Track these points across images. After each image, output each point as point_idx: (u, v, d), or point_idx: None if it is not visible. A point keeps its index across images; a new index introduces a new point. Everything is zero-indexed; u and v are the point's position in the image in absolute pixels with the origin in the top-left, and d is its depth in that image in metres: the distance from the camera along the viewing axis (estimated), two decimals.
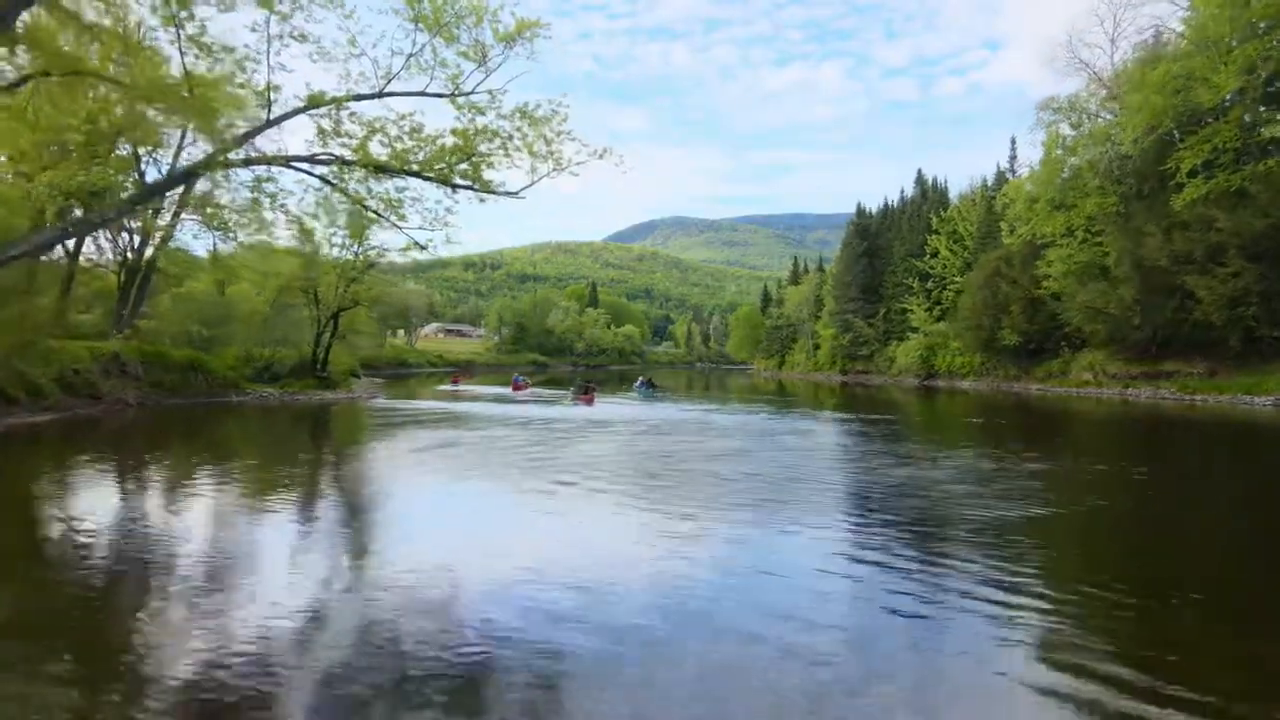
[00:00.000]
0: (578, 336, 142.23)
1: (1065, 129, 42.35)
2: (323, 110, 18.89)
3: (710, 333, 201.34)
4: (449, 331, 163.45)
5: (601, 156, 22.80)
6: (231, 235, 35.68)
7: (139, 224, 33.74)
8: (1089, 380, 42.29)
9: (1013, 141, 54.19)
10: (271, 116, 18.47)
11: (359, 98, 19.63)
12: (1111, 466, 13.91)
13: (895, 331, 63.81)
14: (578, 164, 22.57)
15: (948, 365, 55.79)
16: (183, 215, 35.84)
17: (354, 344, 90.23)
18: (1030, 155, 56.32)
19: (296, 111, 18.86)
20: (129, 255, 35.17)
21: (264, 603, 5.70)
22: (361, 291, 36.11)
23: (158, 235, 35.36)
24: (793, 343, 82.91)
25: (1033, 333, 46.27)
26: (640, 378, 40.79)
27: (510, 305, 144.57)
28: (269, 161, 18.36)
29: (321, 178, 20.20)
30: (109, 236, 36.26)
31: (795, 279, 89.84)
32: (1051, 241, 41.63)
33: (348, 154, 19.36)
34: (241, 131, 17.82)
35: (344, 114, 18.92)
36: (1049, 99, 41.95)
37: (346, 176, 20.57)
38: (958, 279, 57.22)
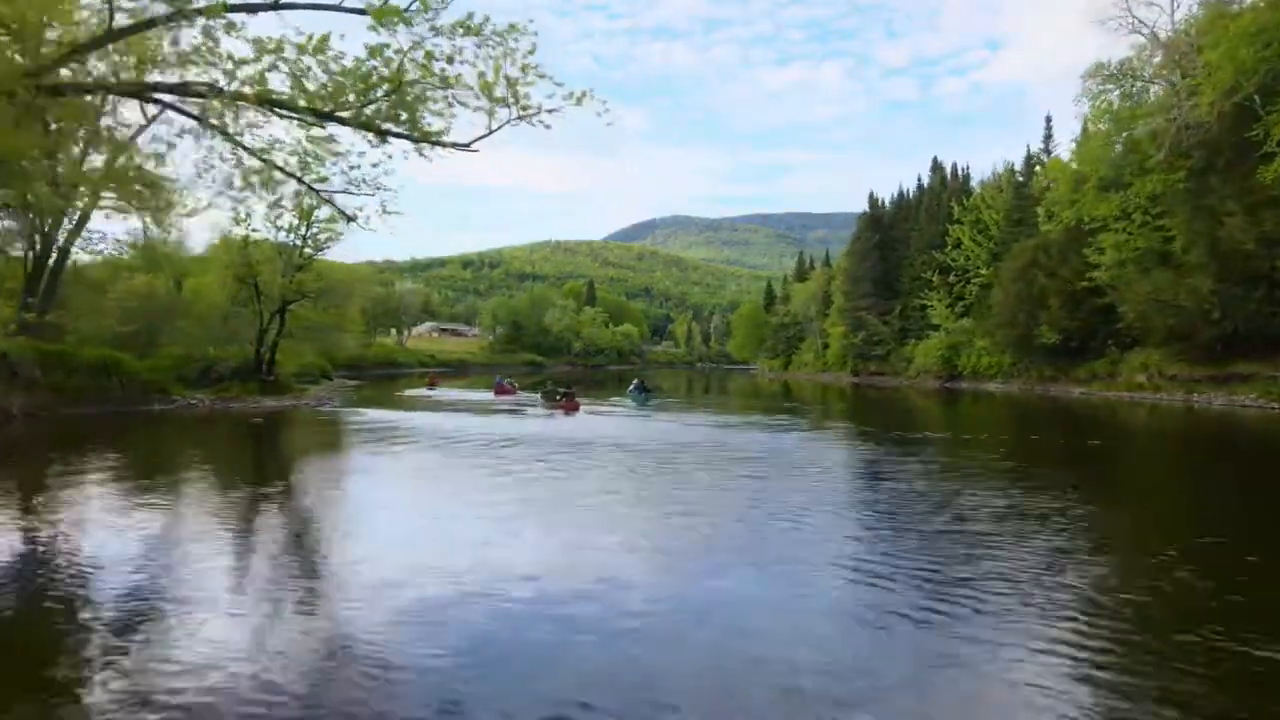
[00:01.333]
0: (575, 336, 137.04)
1: (1114, 99, 37.07)
2: (191, 21, 13.62)
3: (710, 332, 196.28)
4: (443, 330, 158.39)
5: (580, 101, 17.43)
6: (151, 215, 30.64)
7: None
8: (1142, 383, 36.96)
9: (1048, 120, 48.82)
10: (115, 26, 13.22)
11: (246, 8, 14.33)
12: None
13: (913, 329, 58.47)
14: (549, 111, 17.30)
15: (972, 365, 50.47)
16: (101, 193, 30.65)
17: (338, 343, 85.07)
18: (1069, 134, 51.22)
19: (152, 23, 13.60)
20: (37, 241, 29.91)
21: None
22: (308, 281, 30.73)
23: (73, 216, 30.11)
24: (799, 342, 77.57)
25: (1074, 330, 40.94)
26: (635, 380, 35.54)
27: (506, 304, 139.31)
28: (107, 89, 13.14)
29: (199, 118, 14.92)
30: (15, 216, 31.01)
31: (801, 275, 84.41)
32: (1103, 226, 36.31)
33: (228, 82, 14.07)
34: (63, 50, 12.57)
35: (220, 24, 13.66)
36: (1098, 65, 36.61)
37: (233, 118, 15.30)
38: (983, 272, 51.92)
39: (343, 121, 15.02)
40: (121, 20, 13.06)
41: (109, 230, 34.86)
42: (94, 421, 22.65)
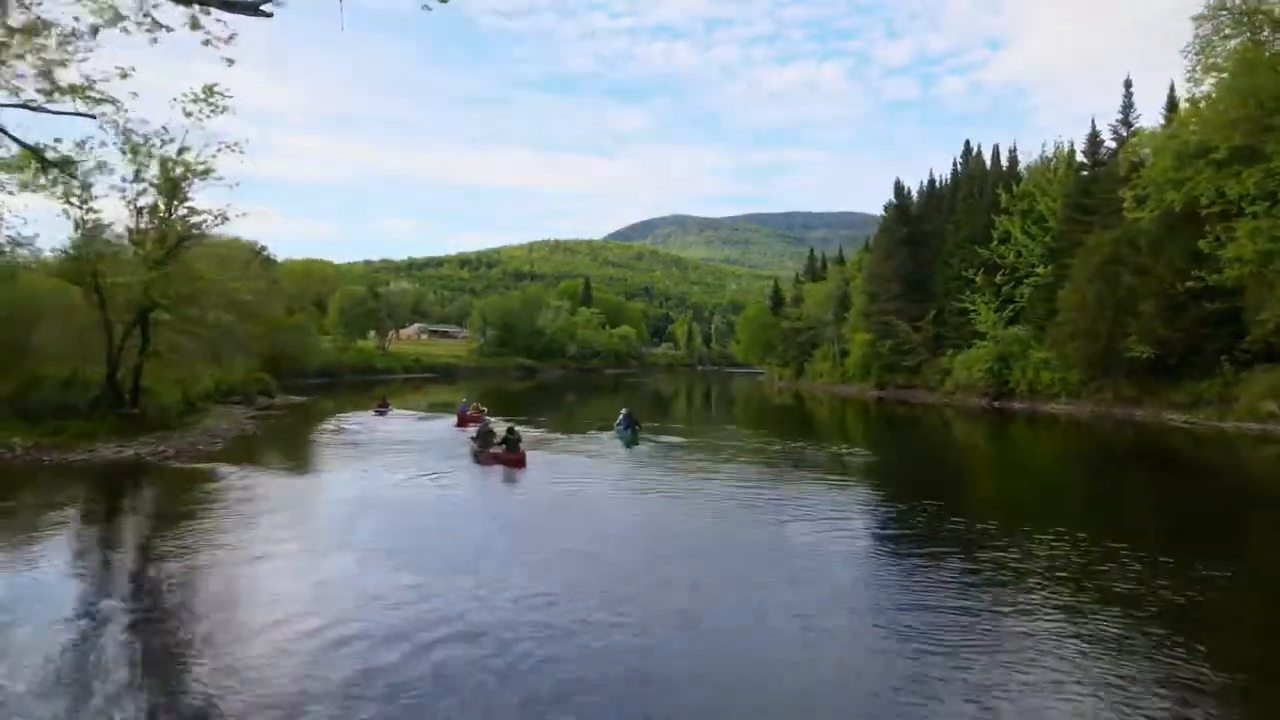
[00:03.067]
0: (570, 338, 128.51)
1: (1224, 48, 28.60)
2: None
3: (712, 333, 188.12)
4: (433, 332, 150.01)
5: None
6: None
7: None
8: (1274, 412, 28.44)
9: (1127, 85, 39.47)
10: None
11: None
12: None
13: (951, 337, 49.81)
14: None
15: (1029, 381, 41.85)
16: None
17: (307, 349, 76.36)
18: (1152, 104, 42.03)
19: None
20: None
21: None
22: (172, 281, 21.89)
23: None
24: (813, 349, 68.87)
25: (1173, 341, 32.39)
26: (623, 411, 27.08)
27: (497, 304, 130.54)
28: None
29: None
30: None
31: (814, 274, 75.44)
32: (1226, 209, 27.80)
33: None
34: None
35: None
36: (1218, 3, 28.12)
37: None
38: (1039, 270, 43.37)
39: None
40: None
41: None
42: None
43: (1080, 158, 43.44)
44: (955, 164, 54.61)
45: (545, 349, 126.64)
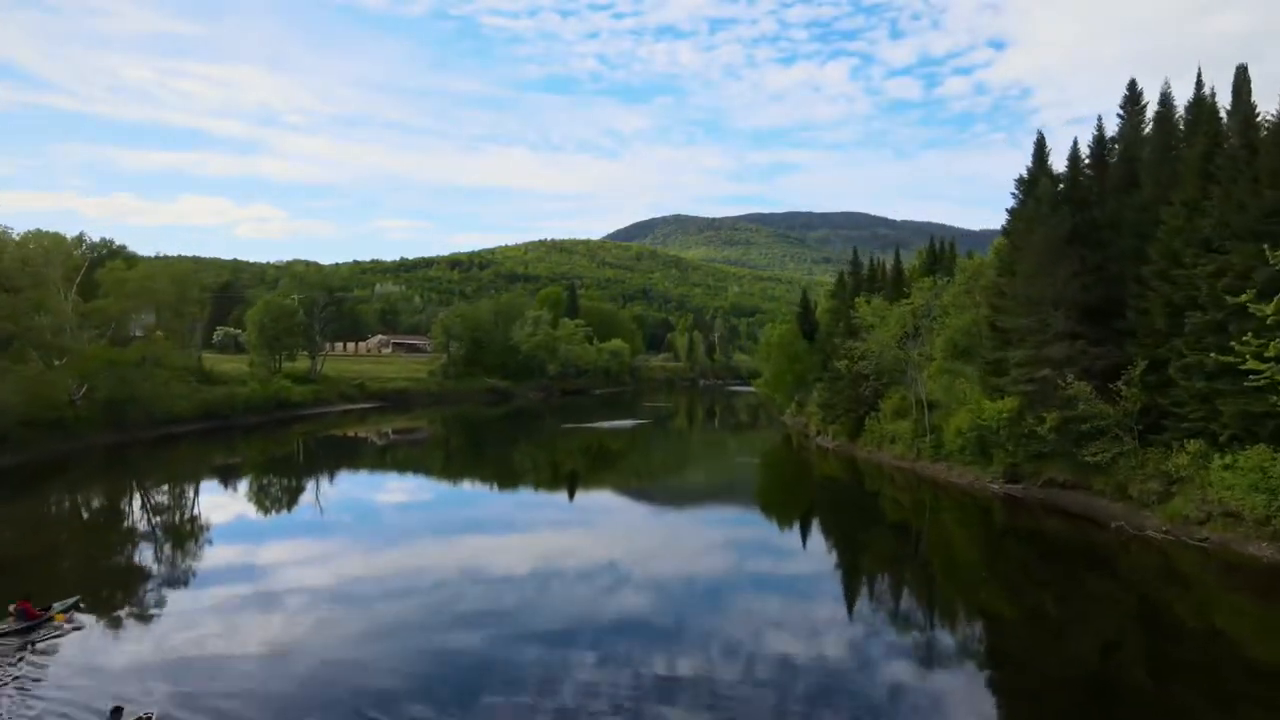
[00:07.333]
0: (551, 354, 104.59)
1: None
2: None
3: (715, 341, 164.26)
4: (398, 345, 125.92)
5: None
6: None
7: None
8: None
9: None
10: None
11: None
12: None
13: (1187, 414, 25.83)
14: None
15: None
16: None
17: (160, 384, 51.65)
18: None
19: None
20: None
21: None
22: None
23: None
24: (878, 399, 44.58)
25: None
26: None
27: (465, 314, 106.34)
28: None
29: None
30: None
31: (895, 291, 49.76)
32: None
33: None
34: None
35: None
36: None
37: None
38: None
39: None
40: None
41: None
42: None
43: None
44: (1155, 91, 30.52)
45: (521, 367, 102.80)
